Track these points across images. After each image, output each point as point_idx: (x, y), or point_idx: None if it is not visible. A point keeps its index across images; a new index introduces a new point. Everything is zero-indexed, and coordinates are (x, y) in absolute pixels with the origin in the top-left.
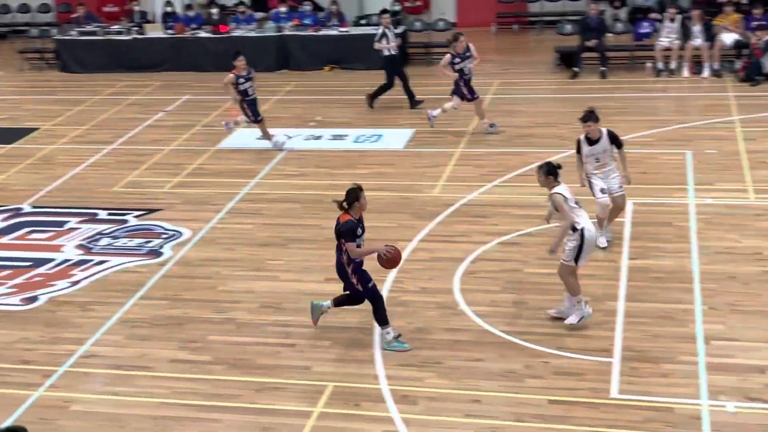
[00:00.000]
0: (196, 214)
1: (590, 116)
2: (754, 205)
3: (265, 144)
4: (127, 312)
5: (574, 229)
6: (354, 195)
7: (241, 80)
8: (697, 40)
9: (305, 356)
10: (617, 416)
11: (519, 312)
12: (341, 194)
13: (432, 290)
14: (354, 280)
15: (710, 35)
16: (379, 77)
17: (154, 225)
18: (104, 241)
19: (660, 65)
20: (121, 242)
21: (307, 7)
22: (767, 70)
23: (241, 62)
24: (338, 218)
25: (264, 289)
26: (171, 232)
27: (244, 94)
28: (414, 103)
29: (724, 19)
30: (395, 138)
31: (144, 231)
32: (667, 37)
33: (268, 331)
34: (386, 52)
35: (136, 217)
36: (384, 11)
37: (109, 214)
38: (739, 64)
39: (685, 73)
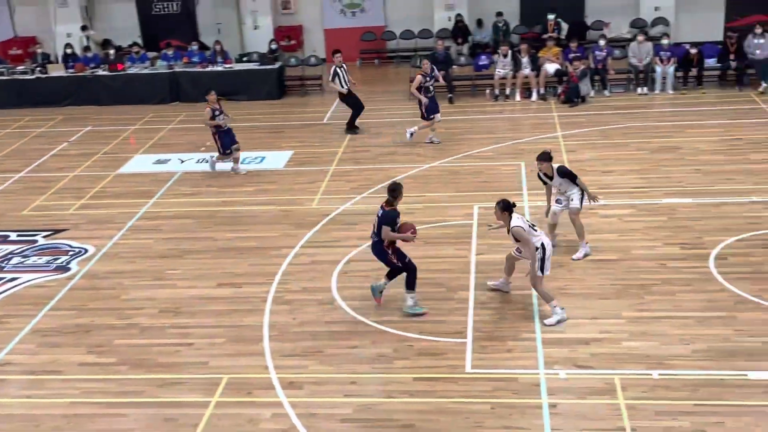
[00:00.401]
0: (99, 232)
1: (541, 156)
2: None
3: (161, 168)
4: (39, 323)
5: (536, 248)
6: (398, 189)
7: (216, 112)
8: (526, 70)
9: (202, 353)
10: (472, 388)
11: (387, 304)
12: (232, 210)
13: (312, 289)
14: (393, 259)
15: (536, 66)
16: (260, 106)
17: (61, 243)
18: (15, 260)
19: (497, 91)
20: (31, 260)
21: (194, 47)
22: (583, 94)
23: (212, 96)
24: (382, 207)
25: (163, 296)
26: (77, 249)
27: (218, 126)
28: (352, 129)
29: (546, 52)
30: (277, 159)
31: (52, 249)
32: (503, 68)
33: (168, 333)
34: (340, 88)
35: (45, 237)
36: (336, 51)
37: (19, 236)
38: (560, 89)
39: (517, 97)
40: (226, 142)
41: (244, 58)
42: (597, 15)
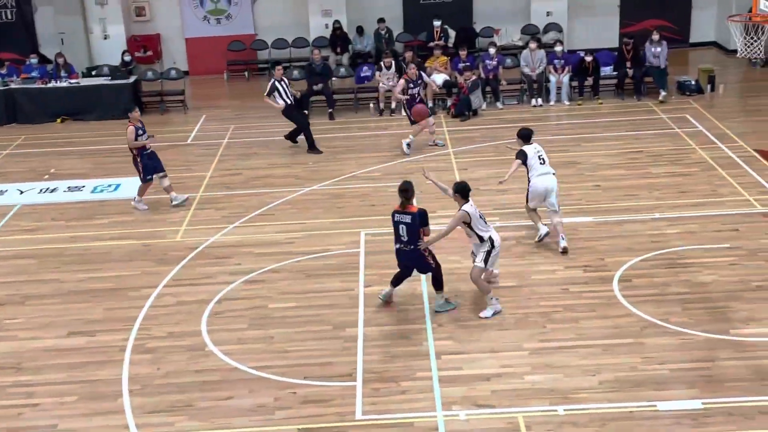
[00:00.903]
0: None
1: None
2: None
3: None
4: None
5: (482, 240)
6: (411, 189)
7: (140, 131)
8: None
9: (50, 414)
10: None
11: (266, 347)
12: (82, 246)
13: (179, 334)
14: (430, 261)
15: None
16: (112, 126)
17: None
18: None
19: (381, 105)
20: None
21: (33, 60)
22: (475, 107)
23: (136, 113)
24: (406, 210)
25: (2, 349)
26: None
27: (142, 147)
28: (293, 141)
29: (434, 62)
30: (133, 186)
31: None
32: (387, 80)
33: (8, 392)
34: (276, 104)
35: None
36: (276, 63)
37: None
38: (450, 102)
39: (404, 112)
40: (148, 167)
41: (93, 72)
42: (486, 21)
